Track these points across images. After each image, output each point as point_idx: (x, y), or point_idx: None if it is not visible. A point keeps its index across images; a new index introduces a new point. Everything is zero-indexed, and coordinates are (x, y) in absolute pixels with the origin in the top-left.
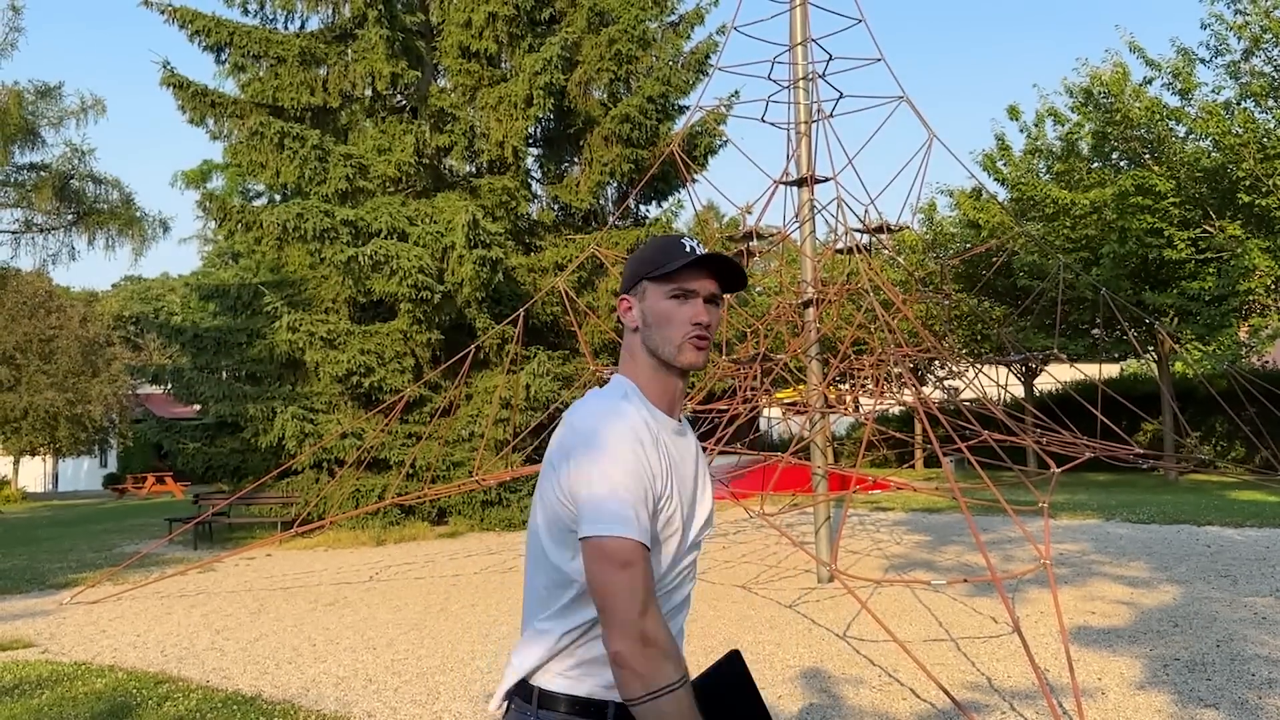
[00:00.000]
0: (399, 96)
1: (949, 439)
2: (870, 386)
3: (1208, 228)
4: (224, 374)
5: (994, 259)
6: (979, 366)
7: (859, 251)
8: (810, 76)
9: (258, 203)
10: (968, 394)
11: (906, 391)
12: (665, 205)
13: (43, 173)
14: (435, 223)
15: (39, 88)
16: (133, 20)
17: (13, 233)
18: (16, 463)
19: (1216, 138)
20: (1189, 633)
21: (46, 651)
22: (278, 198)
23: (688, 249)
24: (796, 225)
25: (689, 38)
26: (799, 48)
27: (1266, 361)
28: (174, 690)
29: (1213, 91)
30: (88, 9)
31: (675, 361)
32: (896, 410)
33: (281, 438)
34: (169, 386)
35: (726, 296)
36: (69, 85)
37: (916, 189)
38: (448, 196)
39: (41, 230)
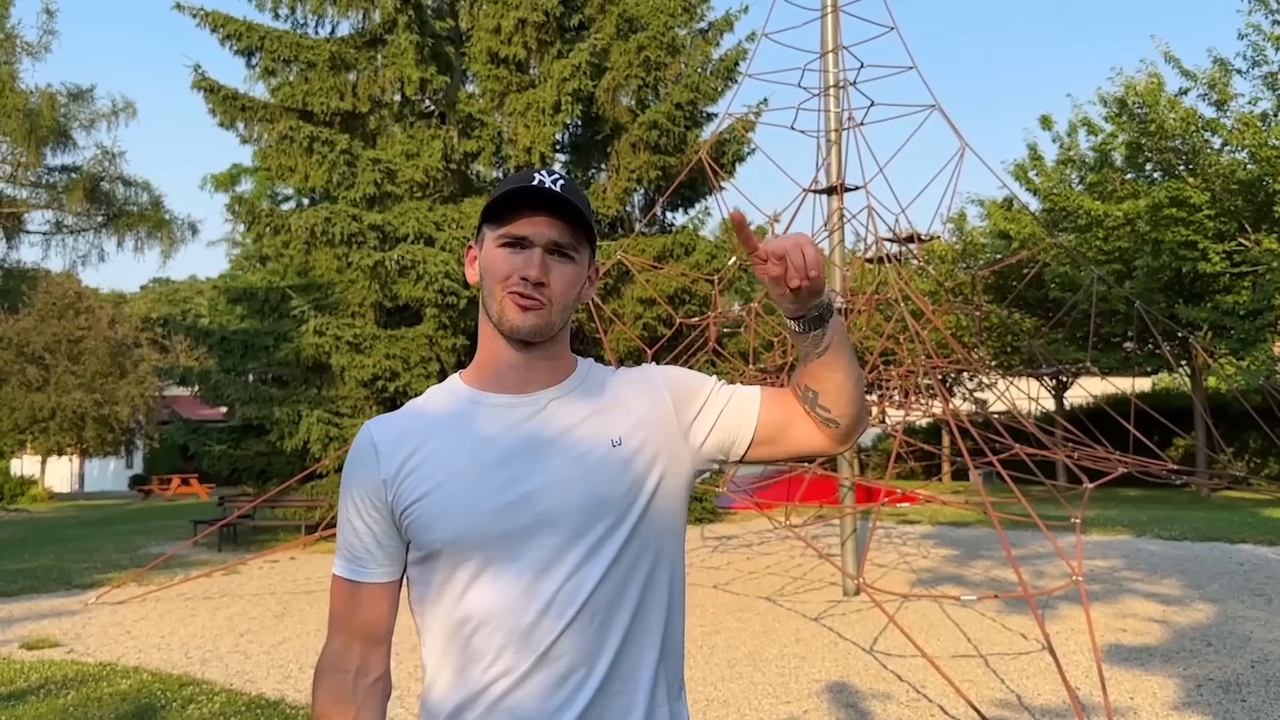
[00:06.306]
0: (427, 102)
1: (979, 452)
2: (898, 398)
3: (1243, 241)
4: (250, 377)
5: (1025, 270)
6: (1009, 379)
7: (889, 261)
8: (841, 84)
9: (286, 206)
10: (998, 406)
11: (935, 403)
12: (692, 212)
13: (74, 174)
14: (462, 228)
15: (71, 90)
16: (165, 23)
17: (44, 234)
18: (44, 463)
19: (1253, 149)
20: (1223, 652)
21: (72, 651)
22: (306, 201)
23: (533, 183)
24: (826, 234)
25: (718, 44)
26: (830, 55)
27: None
28: (198, 693)
29: (1249, 103)
30: (120, 12)
31: (499, 325)
32: (923, 422)
33: (307, 441)
34: (196, 388)
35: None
36: (101, 88)
37: (947, 198)
38: (474, 202)
39: (72, 231)
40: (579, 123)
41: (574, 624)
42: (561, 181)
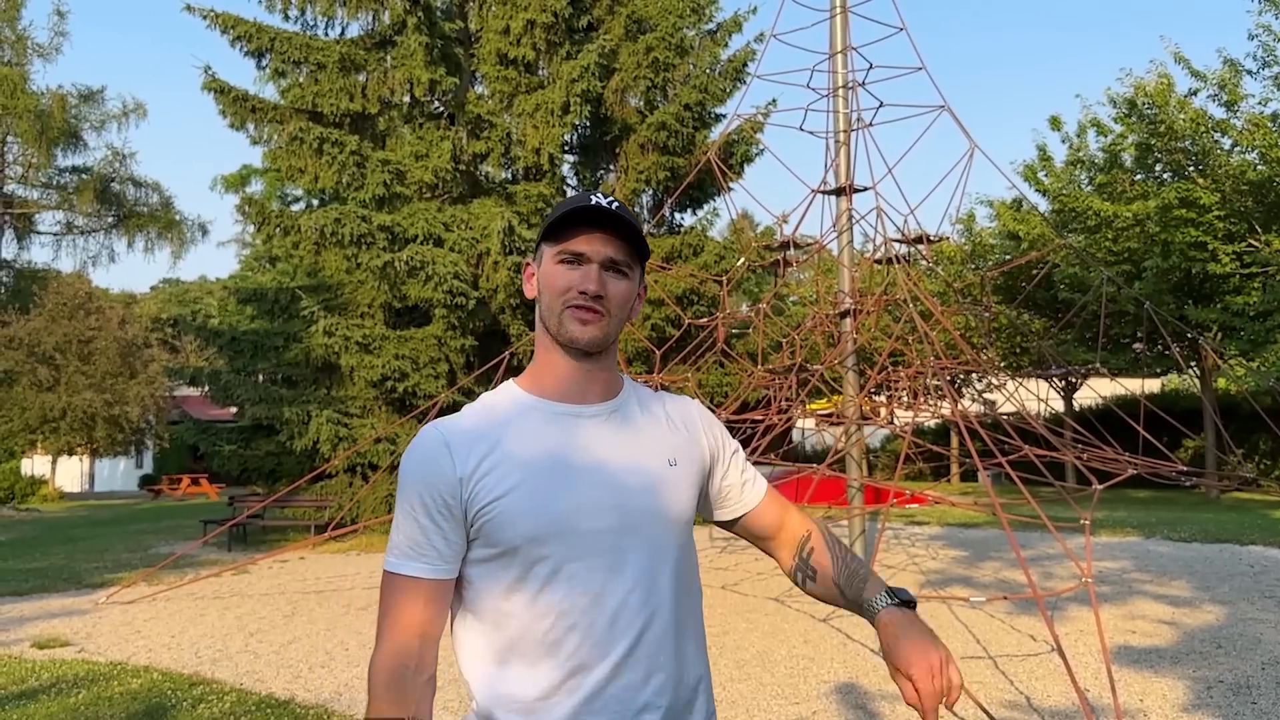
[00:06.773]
0: (437, 103)
1: (988, 453)
2: (907, 399)
3: (1253, 242)
4: (260, 377)
5: (1034, 271)
6: (1018, 380)
7: (897, 262)
8: (850, 85)
9: (296, 207)
10: (1007, 407)
11: (944, 404)
12: (701, 213)
13: (84, 175)
14: (471, 229)
15: (82, 91)
16: (175, 25)
17: (54, 234)
18: (54, 462)
19: (1263, 150)
20: (1233, 654)
21: (83, 651)
22: (316, 202)
23: (591, 203)
24: (834, 235)
25: (727, 45)
26: (839, 56)
27: None
28: (208, 692)
29: (1259, 103)
30: (131, 14)
31: (558, 336)
32: (932, 423)
33: (316, 441)
34: (206, 389)
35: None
36: (111, 89)
37: (956, 199)
38: (484, 203)
39: (82, 232)
40: (587, 124)
41: (650, 626)
42: (616, 204)
